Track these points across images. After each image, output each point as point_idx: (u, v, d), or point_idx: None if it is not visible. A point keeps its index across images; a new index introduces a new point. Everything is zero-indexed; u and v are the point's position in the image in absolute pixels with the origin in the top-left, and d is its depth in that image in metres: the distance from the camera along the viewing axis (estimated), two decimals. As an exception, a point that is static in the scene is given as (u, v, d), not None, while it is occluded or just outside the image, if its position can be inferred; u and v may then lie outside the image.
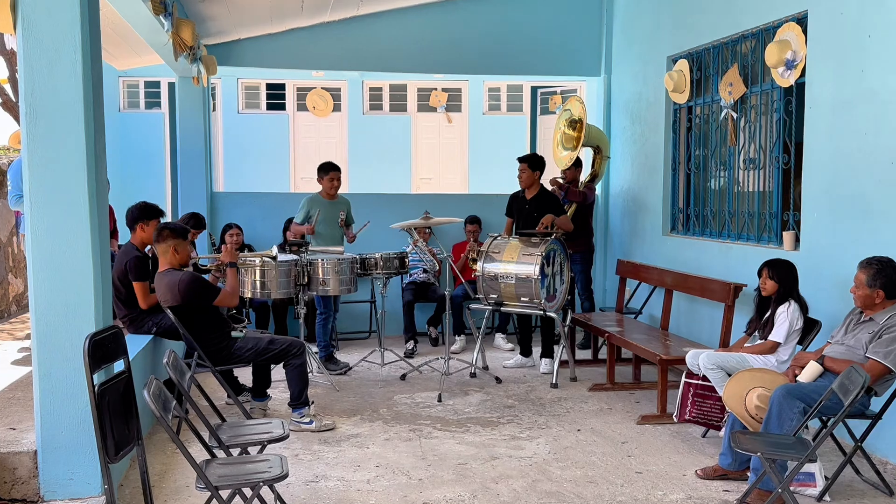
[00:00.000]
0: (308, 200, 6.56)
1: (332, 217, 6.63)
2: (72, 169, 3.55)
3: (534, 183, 6.45)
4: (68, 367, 3.59)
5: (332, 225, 6.63)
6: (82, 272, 3.57)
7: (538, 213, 6.37)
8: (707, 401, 4.59)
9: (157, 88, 10.00)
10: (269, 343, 4.87)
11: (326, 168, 6.61)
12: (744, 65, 5.91)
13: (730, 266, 5.88)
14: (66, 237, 3.57)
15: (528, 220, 6.42)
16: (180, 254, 4.67)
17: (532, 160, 6.51)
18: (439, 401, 5.59)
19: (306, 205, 6.54)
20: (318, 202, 6.57)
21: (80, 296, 3.57)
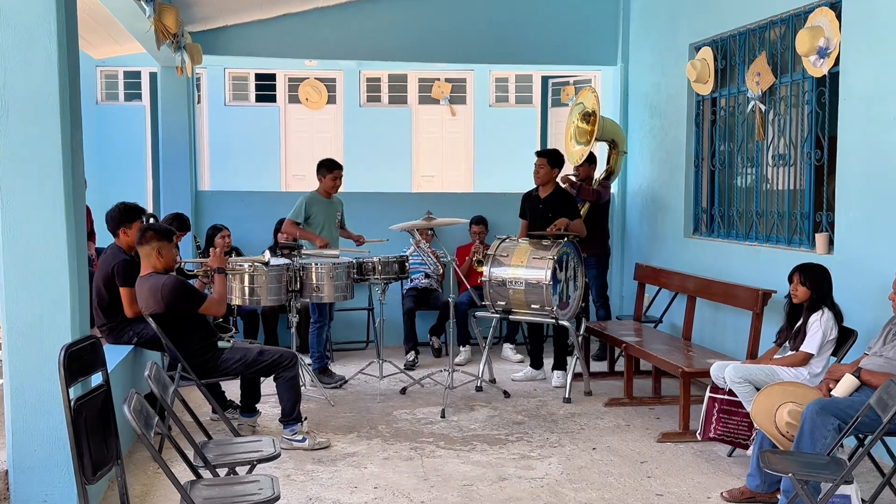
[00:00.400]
0: (307, 200, 6.55)
1: (331, 217, 6.64)
2: (46, 167, 3.56)
3: (550, 180, 6.45)
4: (42, 381, 3.59)
5: (332, 226, 6.65)
6: (58, 278, 3.58)
7: (553, 213, 6.35)
8: (733, 417, 4.58)
9: (137, 79, 10.03)
10: (259, 354, 4.87)
11: (330, 166, 6.63)
12: (772, 53, 5.90)
13: (758, 271, 5.87)
14: (41, 240, 3.58)
15: (541, 221, 6.38)
16: (164, 257, 4.68)
17: (552, 156, 6.49)
18: (443, 416, 5.59)
19: (305, 205, 6.53)
20: (317, 202, 6.58)
21: (55, 303, 3.58)
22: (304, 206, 6.53)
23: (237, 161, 10.30)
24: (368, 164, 10.34)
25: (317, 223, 6.55)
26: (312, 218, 6.54)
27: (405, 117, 10.71)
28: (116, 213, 5.16)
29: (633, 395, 5.99)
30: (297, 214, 6.53)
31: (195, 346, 4.74)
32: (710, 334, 6.52)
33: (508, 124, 10.66)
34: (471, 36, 8.16)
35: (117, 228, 5.12)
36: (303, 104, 10.52)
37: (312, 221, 6.55)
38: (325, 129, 10.66)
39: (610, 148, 7.78)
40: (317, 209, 6.55)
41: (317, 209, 6.55)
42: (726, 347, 6.18)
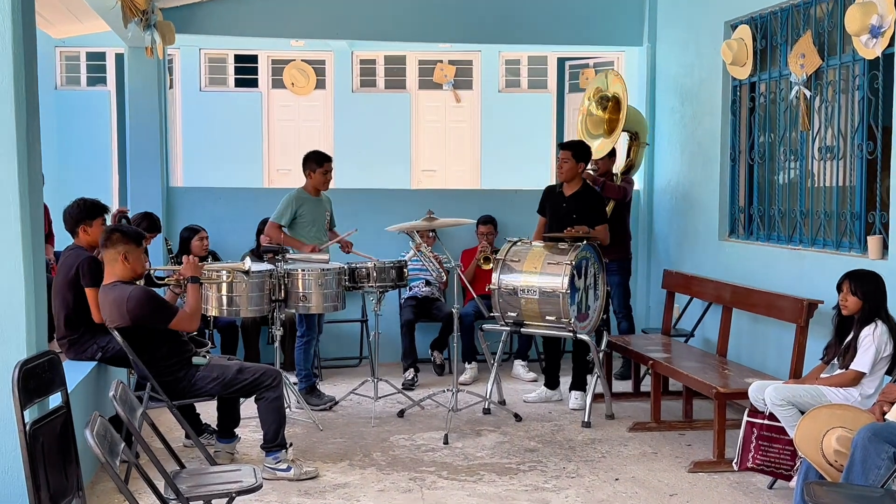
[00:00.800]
0: (293, 199, 6.55)
1: (320, 218, 6.65)
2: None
3: (576, 176, 6.44)
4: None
5: (322, 228, 6.66)
6: (12, 286, 3.59)
7: (578, 214, 6.33)
8: (775, 444, 4.58)
9: (101, 61, 10.04)
10: (238, 372, 4.88)
11: (320, 158, 6.64)
12: (819, 32, 5.90)
13: (802, 278, 5.87)
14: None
15: (563, 222, 6.36)
16: (132, 263, 4.68)
17: (577, 148, 6.49)
18: (445, 443, 5.59)
19: (292, 204, 6.52)
20: (305, 201, 6.58)
21: (8, 315, 3.59)
22: (289, 205, 6.52)
23: (214, 154, 10.30)
24: (362, 157, 10.33)
25: (304, 225, 6.55)
26: (299, 219, 6.54)
27: (403, 104, 10.71)
28: (75, 209, 5.17)
29: (661, 419, 5.98)
30: (281, 216, 6.52)
31: (166, 363, 4.75)
32: (749, 350, 6.51)
33: (520, 112, 10.65)
34: (478, 12, 8.17)
35: (76, 226, 5.13)
36: (288, 89, 10.53)
37: (299, 223, 6.54)
38: (313, 117, 10.66)
39: (630, 139, 7.78)
40: (304, 209, 6.55)
41: (304, 209, 6.55)
42: (767, 365, 6.17)
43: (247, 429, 5.63)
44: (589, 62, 10.17)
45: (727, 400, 5.21)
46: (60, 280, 5.03)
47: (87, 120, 9.87)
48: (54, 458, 3.12)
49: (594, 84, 7.72)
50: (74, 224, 5.14)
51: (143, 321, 4.63)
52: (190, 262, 4.97)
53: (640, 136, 7.74)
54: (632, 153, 7.78)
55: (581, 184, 6.48)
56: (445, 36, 8.62)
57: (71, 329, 5.03)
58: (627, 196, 7.36)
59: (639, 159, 7.84)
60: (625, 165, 7.76)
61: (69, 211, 5.19)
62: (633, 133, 7.72)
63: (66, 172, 9.47)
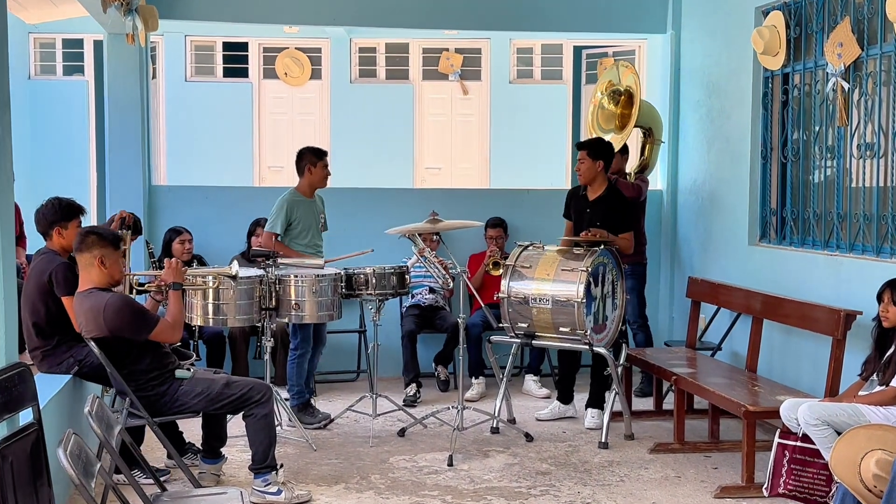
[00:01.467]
0: (288, 204, 6.50)
1: (315, 221, 6.66)
2: (-33, 156, 3.58)
3: (596, 177, 6.43)
4: (-41, 418, 3.60)
5: (317, 231, 6.67)
6: (-21, 292, 3.60)
7: (603, 221, 6.29)
8: (809, 468, 4.57)
9: (79, 49, 10.08)
10: (225, 386, 4.89)
11: (319, 153, 6.66)
12: (858, 19, 5.90)
13: (839, 287, 5.86)
14: (-41, 246, 3.60)
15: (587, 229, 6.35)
16: (109, 268, 4.69)
17: (594, 146, 6.47)
18: (450, 464, 5.59)
19: (285, 209, 6.48)
20: (299, 204, 6.56)
21: (-25, 323, 3.60)
22: (282, 210, 6.48)
23: (200, 149, 10.33)
24: (360, 154, 10.36)
25: (299, 232, 6.56)
26: (295, 224, 6.54)
27: (406, 96, 10.73)
28: (49, 209, 5.17)
29: (684, 440, 5.97)
30: (276, 223, 6.48)
31: (147, 377, 4.75)
32: (781, 365, 6.50)
33: (533, 105, 10.66)
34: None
35: (50, 228, 5.14)
36: (281, 80, 10.56)
37: (293, 230, 6.53)
38: (308, 110, 10.69)
39: (644, 136, 7.79)
40: (299, 213, 6.54)
41: (299, 213, 6.54)
42: (800, 382, 6.16)
43: (234, 448, 5.64)
44: (608, 51, 10.17)
45: (757, 419, 5.19)
46: (31, 286, 5.04)
47: (62, 112, 9.90)
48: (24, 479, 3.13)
49: (606, 76, 7.74)
50: (48, 226, 5.15)
51: (121, 331, 4.64)
52: (172, 266, 4.98)
53: (655, 134, 7.74)
54: (646, 151, 7.78)
55: (606, 186, 6.46)
56: (452, 22, 8.63)
57: (44, 339, 5.04)
58: (642, 195, 7.36)
59: (653, 158, 7.84)
60: (638, 164, 7.76)
61: (42, 211, 5.20)
62: (647, 129, 7.72)
63: (39, 169, 9.50)
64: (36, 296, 5.01)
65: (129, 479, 3.63)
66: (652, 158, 7.79)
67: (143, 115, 7.88)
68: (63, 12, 8.15)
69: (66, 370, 5.04)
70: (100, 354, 4.65)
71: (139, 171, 7.81)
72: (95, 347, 4.65)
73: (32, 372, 3.54)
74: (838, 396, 4.89)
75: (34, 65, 10.04)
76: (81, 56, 10.07)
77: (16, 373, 3.29)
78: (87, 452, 3.11)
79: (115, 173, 7.83)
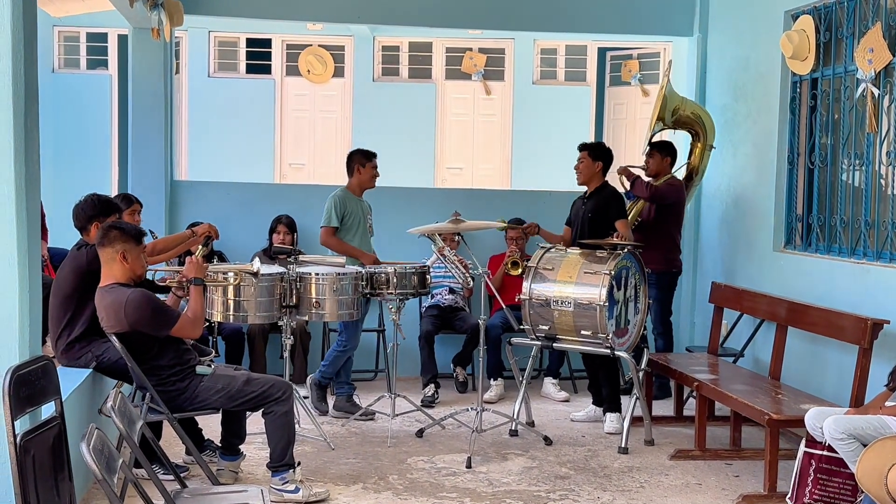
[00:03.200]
0: (338, 198, 6.61)
1: (363, 221, 6.74)
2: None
3: (593, 177, 6.57)
4: (-19, 410, 3.62)
5: (366, 232, 6.76)
6: (4, 285, 3.61)
7: (594, 214, 6.48)
8: (835, 478, 4.53)
9: (103, 42, 10.14)
10: (245, 383, 4.89)
11: (368, 154, 6.79)
12: (889, 24, 5.84)
13: (866, 295, 5.81)
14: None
15: (584, 227, 6.51)
16: (130, 263, 4.70)
17: (595, 148, 6.65)
18: (468, 466, 5.58)
19: (337, 203, 6.58)
20: (350, 200, 6.66)
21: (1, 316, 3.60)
22: (336, 206, 6.57)
23: (222, 145, 10.37)
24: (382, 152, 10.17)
25: (351, 229, 6.63)
26: (347, 219, 6.62)
27: (428, 95, 10.73)
28: (89, 204, 5.21)
29: (705, 447, 5.94)
30: (331, 218, 6.57)
31: (167, 372, 4.76)
32: (805, 373, 6.44)
33: (556, 106, 10.65)
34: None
35: (89, 223, 5.17)
36: (304, 77, 10.58)
37: (346, 226, 6.63)
38: (330, 107, 10.72)
39: (693, 139, 7.71)
40: (350, 209, 6.64)
41: (350, 209, 6.64)
42: (825, 391, 6.10)
43: (252, 445, 5.64)
44: (632, 53, 10.15)
45: (780, 428, 5.15)
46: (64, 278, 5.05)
47: (86, 105, 9.95)
48: (46, 472, 3.14)
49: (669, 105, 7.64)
50: (87, 220, 5.18)
51: (142, 326, 4.64)
52: (193, 262, 4.99)
53: (703, 137, 7.66)
54: (693, 156, 7.71)
55: (599, 183, 6.60)
56: (476, 22, 8.62)
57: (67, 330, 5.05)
58: (663, 199, 7.22)
59: (703, 164, 7.72)
60: (685, 169, 7.69)
61: (82, 206, 5.23)
62: (695, 132, 7.66)
63: (61, 162, 9.55)
64: (67, 287, 5.03)
65: (150, 474, 3.63)
66: (701, 164, 7.68)
67: (167, 109, 7.90)
68: (88, 6, 8.19)
69: (85, 365, 5.05)
70: (121, 349, 4.66)
71: (161, 165, 7.84)
72: (117, 342, 4.66)
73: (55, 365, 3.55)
74: (864, 407, 4.84)
75: (58, 58, 10.10)
76: (105, 50, 10.12)
77: (39, 366, 3.31)
78: (110, 447, 3.11)
79: (137, 167, 7.86)
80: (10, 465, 3.01)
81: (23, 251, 3.66)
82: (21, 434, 3.06)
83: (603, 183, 6.62)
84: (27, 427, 3.20)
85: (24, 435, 3.08)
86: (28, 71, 3.76)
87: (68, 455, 3.32)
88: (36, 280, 3.87)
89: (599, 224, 6.46)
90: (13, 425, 3.04)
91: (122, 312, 4.60)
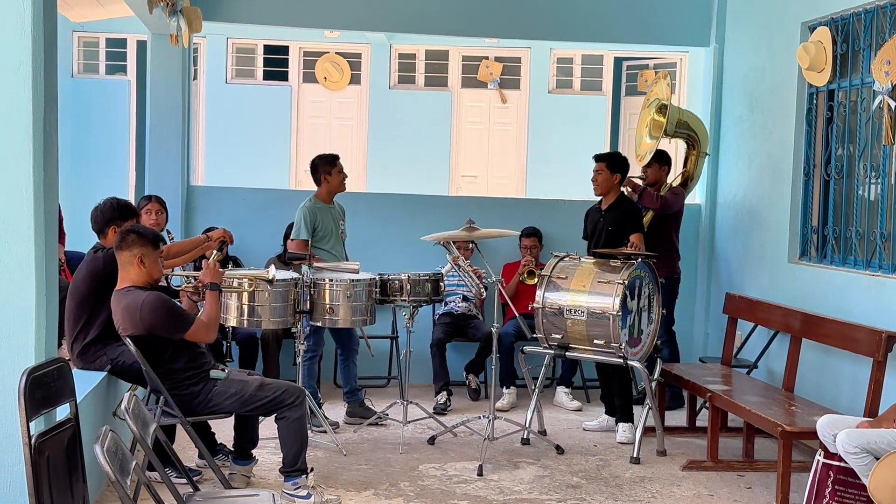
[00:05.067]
0: (308, 209, 6.60)
1: (335, 229, 6.72)
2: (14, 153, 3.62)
3: (611, 189, 6.61)
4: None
5: (337, 239, 6.73)
6: (22, 288, 3.63)
7: (613, 227, 6.49)
8: (851, 489, 4.51)
9: (122, 48, 10.19)
10: (258, 388, 4.91)
11: (332, 159, 6.75)
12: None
13: (881, 308, 5.78)
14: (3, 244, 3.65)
15: (601, 238, 6.54)
16: (148, 267, 4.73)
17: (610, 159, 6.67)
18: (480, 474, 5.58)
19: (307, 215, 6.57)
20: (321, 210, 6.65)
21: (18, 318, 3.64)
22: (305, 218, 6.57)
23: (239, 151, 10.41)
24: (397, 159, 10.39)
25: (324, 237, 6.64)
26: (318, 229, 6.62)
27: (444, 103, 10.74)
28: (108, 208, 5.25)
29: (718, 458, 5.92)
30: (301, 230, 6.57)
31: (182, 376, 4.79)
32: (819, 385, 6.41)
33: (571, 115, 10.64)
34: (528, 6, 8.18)
35: (107, 226, 5.21)
36: (320, 84, 10.61)
37: (317, 234, 6.63)
38: (346, 114, 10.73)
39: (688, 147, 7.74)
40: (320, 218, 6.63)
41: (320, 218, 6.63)
42: (839, 403, 6.08)
43: (265, 450, 5.66)
44: (649, 63, 10.13)
45: (794, 440, 5.13)
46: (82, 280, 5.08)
47: (104, 110, 10.00)
48: (60, 473, 3.16)
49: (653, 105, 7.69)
50: (105, 224, 5.22)
51: (157, 329, 4.67)
52: (210, 267, 5.01)
53: (699, 145, 7.69)
54: (689, 164, 7.73)
55: (617, 195, 6.63)
56: (492, 30, 8.63)
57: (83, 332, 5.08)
58: (669, 208, 7.27)
59: (697, 171, 7.77)
60: (681, 177, 7.72)
61: (101, 209, 5.28)
62: (690, 140, 7.67)
63: (79, 167, 9.59)
64: (83, 290, 5.06)
65: (163, 477, 3.65)
66: (696, 171, 7.72)
67: (184, 115, 7.95)
68: (108, 12, 8.24)
69: (100, 368, 5.08)
70: (136, 353, 4.68)
71: (178, 170, 7.88)
72: (132, 345, 4.69)
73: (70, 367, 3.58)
74: (877, 419, 4.81)
75: (77, 63, 10.16)
76: (124, 56, 10.18)
77: (55, 368, 3.33)
78: (123, 450, 3.13)
79: (154, 172, 7.91)
80: (25, 466, 3.03)
81: (40, 254, 3.69)
82: (36, 435, 3.08)
83: (621, 195, 6.66)
84: (42, 428, 3.21)
85: (39, 436, 3.09)
86: (48, 76, 3.79)
87: (82, 457, 3.34)
88: (53, 283, 3.90)
89: (619, 237, 6.46)
90: (28, 426, 3.06)
91: (138, 315, 4.63)
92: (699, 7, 8.26)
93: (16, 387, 3.12)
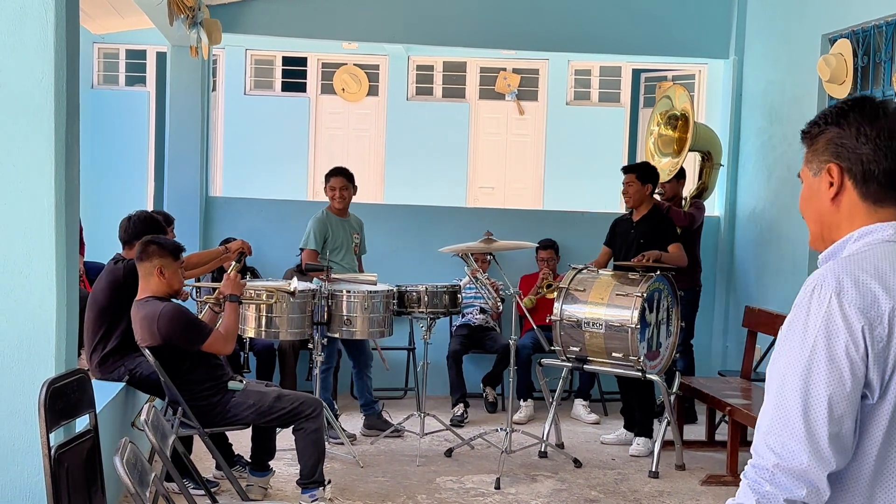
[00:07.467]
0: (317, 219, 6.68)
1: (346, 241, 6.73)
2: (36, 165, 3.64)
3: (644, 200, 6.55)
4: (16, 423, 3.65)
5: (350, 252, 6.74)
6: (43, 299, 3.65)
7: (646, 240, 6.40)
8: None
9: (142, 59, 10.26)
10: (276, 399, 4.91)
11: (327, 174, 6.85)
12: (928, 48, 5.80)
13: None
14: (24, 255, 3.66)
15: (631, 249, 6.45)
16: (168, 278, 4.76)
17: (641, 170, 6.61)
18: (497, 488, 5.56)
19: (317, 226, 6.64)
20: (331, 222, 6.71)
21: (38, 329, 3.65)
22: (313, 229, 6.63)
23: (257, 162, 10.44)
24: (415, 171, 10.40)
25: (335, 248, 6.68)
26: (330, 241, 6.66)
27: (462, 115, 10.75)
28: (139, 221, 5.30)
29: (737, 473, 5.86)
30: (309, 240, 6.64)
31: (200, 387, 4.80)
32: (839, 399, 6.36)
33: (589, 127, 10.62)
34: (546, 17, 8.18)
35: (136, 239, 5.23)
36: (338, 95, 10.64)
37: (330, 246, 6.66)
38: (364, 125, 10.76)
39: (703, 160, 7.73)
40: (330, 230, 6.68)
41: (330, 230, 6.68)
42: (859, 417, 6.03)
43: (282, 462, 5.66)
44: (667, 75, 10.11)
45: (814, 455, 5.09)
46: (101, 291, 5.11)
47: (123, 121, 10.06)
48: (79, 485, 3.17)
49: (659, 108, 7.71)
50: (134, 237, 5.23)
51: (175, 340, 4.69)
52: (230, 278, 5.03)
53: (714, 157, 7.69)
54: (704, 175, 7.72)
55: (651, 207, 6.59)
56: (510, 42, 8.64)
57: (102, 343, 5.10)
58: (696, 223, 7.30)
59: (712, 182, 7.78)
60: (696, 189, 7.71)
61: (134, 222, 5.32)
62: (705, 153, 7.67)
63: (98, 177, 9.64)
64: (103, 301, 5.09)
65: (181, 488, 3.66)
66: (711, 182, 7.73)
67: (203, 126, 8.00)
68: (128, 24, 8.31)
69: (119, 378, 5.10)
70: (154, 363, 4.70)
71: (197, 181, 7.92)
72: (150, 356, 4.70)
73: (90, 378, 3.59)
74: None
75: (97, 74, 10.23)
76: (144, 67, 10.24)
77: (75, 379, 3.34)
78: (143, 462, 3.14)
79: (173, 183, 7.95)
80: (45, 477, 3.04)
81: (61, 265, 3.71)
82: (56, 447, 3.10)
83: (654, 207, 6.60)
84: (62, 440, 3.23)
85: (59, 447, 3.11)
86: (70, 88, 3.82)
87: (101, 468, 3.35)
88: (73, 294, 3.92)
89: (650, 249, 6.33)
90: (48, 438, 3.08)
91: (156, 325, 4.64)
92: (719, 19, 8.24)
93: (36, 398, 3.13)
